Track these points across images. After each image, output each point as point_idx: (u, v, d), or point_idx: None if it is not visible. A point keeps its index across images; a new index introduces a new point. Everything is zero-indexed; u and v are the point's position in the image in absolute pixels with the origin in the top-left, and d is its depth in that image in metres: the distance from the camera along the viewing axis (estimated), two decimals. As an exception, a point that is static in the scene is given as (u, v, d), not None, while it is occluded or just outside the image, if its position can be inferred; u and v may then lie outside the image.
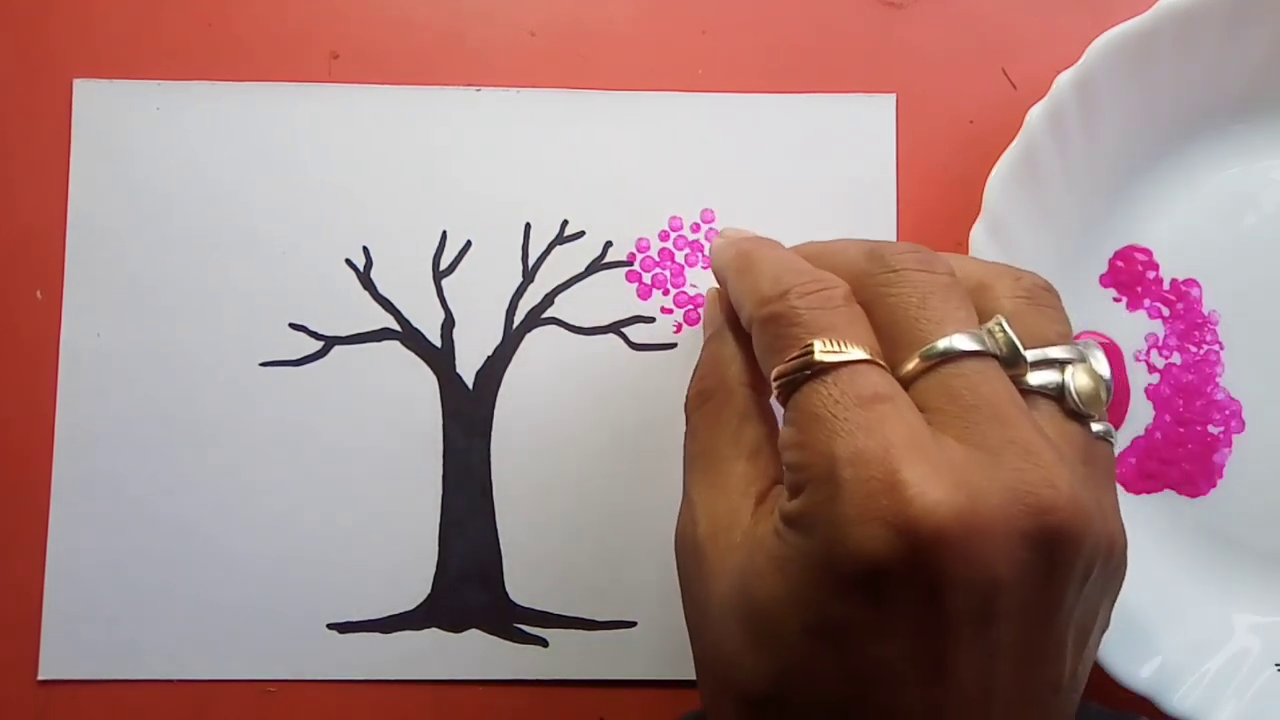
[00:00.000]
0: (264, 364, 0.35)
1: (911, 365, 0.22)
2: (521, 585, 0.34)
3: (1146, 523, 0.34)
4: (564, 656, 0.34)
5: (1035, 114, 0.32)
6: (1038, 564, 0.20)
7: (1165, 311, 0.34)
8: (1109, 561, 0.22)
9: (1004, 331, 0.22)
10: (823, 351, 0.22)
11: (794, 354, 0.22)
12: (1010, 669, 0.20)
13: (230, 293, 0.35)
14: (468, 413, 0.35)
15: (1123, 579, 0.23)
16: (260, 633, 0.34)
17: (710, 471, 0.24)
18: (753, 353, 0.25)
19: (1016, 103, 0.34)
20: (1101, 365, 0.24)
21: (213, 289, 0.35)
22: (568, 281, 0.35)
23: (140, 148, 0.35)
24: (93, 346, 0.35)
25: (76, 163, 0.35)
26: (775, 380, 0.22)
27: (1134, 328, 0.34)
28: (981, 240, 0.32)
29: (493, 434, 0.35)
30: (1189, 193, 0.35)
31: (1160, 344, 0.34)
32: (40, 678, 0.34)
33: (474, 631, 0.34)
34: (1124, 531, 0.23)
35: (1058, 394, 0.23)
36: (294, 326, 0.35)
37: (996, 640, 0.20)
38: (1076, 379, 0.23)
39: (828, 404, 0.21)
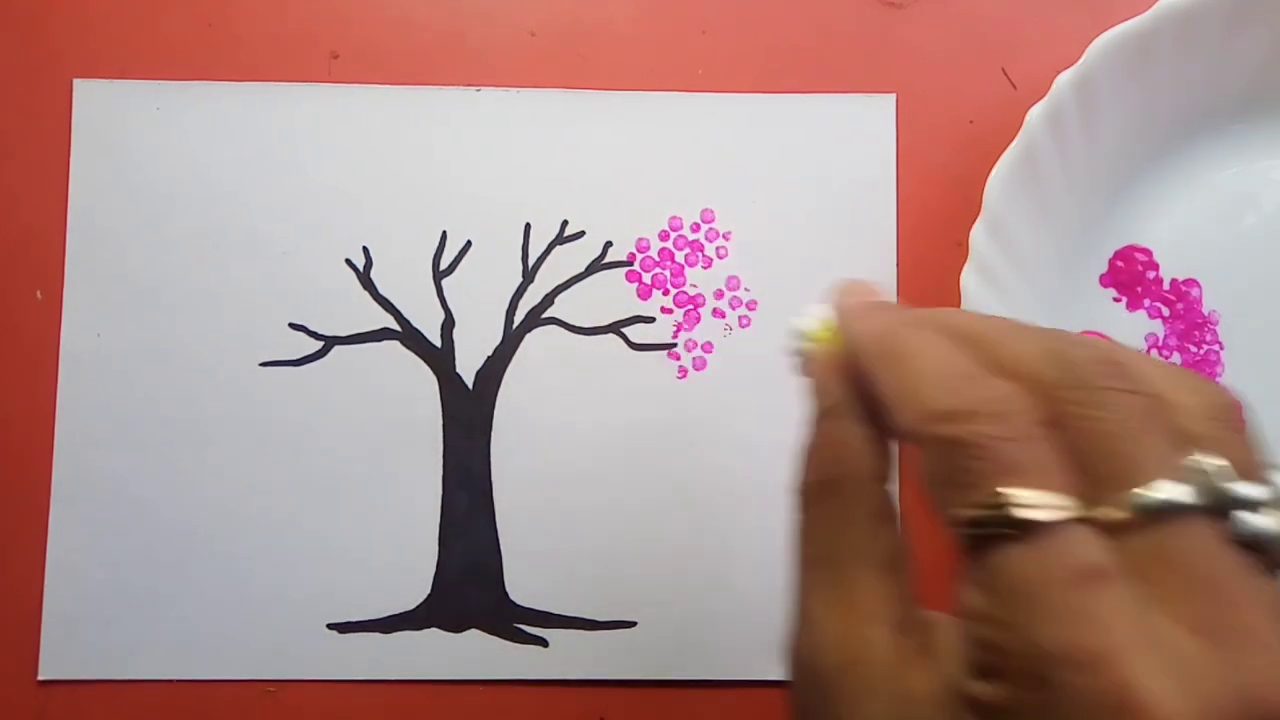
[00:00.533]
0: (264, 364, 0.35)
1: (1117, 516, 0.18)
2: (521, 585, 0.34)
3: (1146, 523, 0.34)
4: (564, 656, 0.34)
5: (1035, 114, 0.32)
6: None
7: (1165, 311, 0.34)
8: None
9: (1215, 478, 0.19)
10: (1027, 506, 0.18)
11: (983, 497, 0.18)
12: None
13: (230, 293, 0.35)
14: (468, 413, 0.35)
15: None
16: (260, 633, 0.34)
17: (833, 582, 0.21)
18: (882, 440, 0.22)
19: (1016, 103, 0.34)
20: None
21: (213, 289, 0.35)
22: (568, 281, 0.35)
23: (140, 148, 0.35)
24: (93, 346, 0.35)
25: (76, 163, 0.35)
26: (958, 526, 0.19)
27: (1134, 328, 0.34)
28: (981, 240, 0.32)
29: (493, 434, 0.35)
30: (1189, 193, 0.35)
31: (1160, 344, 0.34)
32: (40, 678, 0.34)
33: (474, 631, 0.34)
34: None
35: (1253, 543, 0.19)
36: (294, 326, 0.35)
37: None
38: (1272, 523, 0.19)
39: (1036, 576, 0.18)
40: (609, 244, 0.35)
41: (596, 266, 0.35)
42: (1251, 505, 0.19)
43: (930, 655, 0.20)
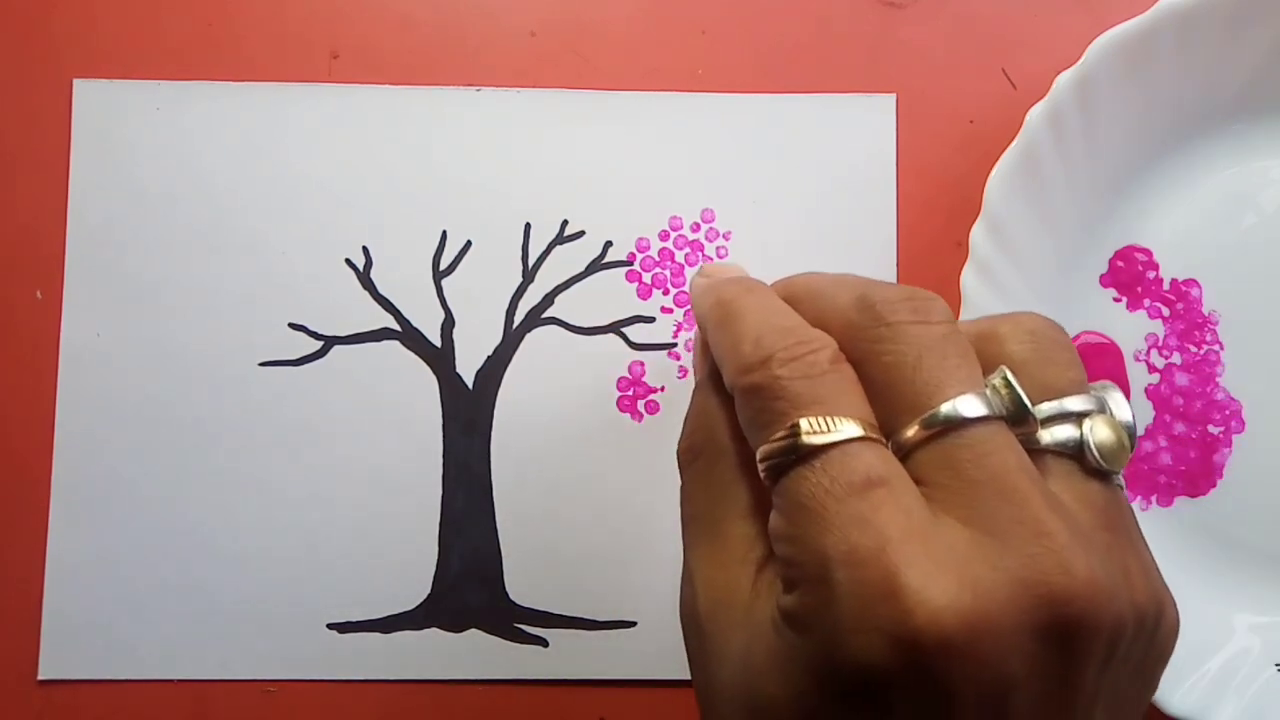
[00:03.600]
0: (264, 364, 0.35)
1: (910, 433, 0.20)
2: (521, 585, 0.34)
3: (1146, 523, 0.34)
4: (564, 656, 0.34)
5: (1035, 114, 0.32)
6: (1052, 655, 0.18)
7: (1165, 311, 0.34)
8: (1140, 632, 0.20)
9: (1010, 387, 0.20)
10: (809, 432, 0.20)
11: (779, 433, 0.20)
12: None
13: (230, 293, 0.35)
14: (468, 413, 0.35)
15: (1168, 646, 0.21)
16: (260, 633, 0.34)
17: (706, 537, 0.23)
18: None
19: (1016, 103, 0.34)
20: (1123, 410, 0.22)
21: (213, 289, 0.35)
22: (568, 281, 0.35)
23: (140, 148, 0.35)
24: (93, 346, 0.35)
25: (76, 163, 0.35)
26: (761, 462, 0.21)
27: (1134, 328, 0.34)
28: (981, 240, 0.32)
29: (493, 434, 0.35)
30: (1189, 193, 0.35)
31: (1160, 344, 0.34)
32: (40, 678, 0.34)
33: (474, 631, 0.34)
34: (1163, 591, 0.21)
35: (1075, 451, 0.21)
36: (294, 326, 0.35)
37: None
38: (1096, 432, 0.21)
39: (817, 493, 0.19)
40: (609, 244, 0.35)
41: (596, 266, 0.35)
42: (1060, 419, 0.21)
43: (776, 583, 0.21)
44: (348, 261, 0.35)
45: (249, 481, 0.34)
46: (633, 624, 0.34)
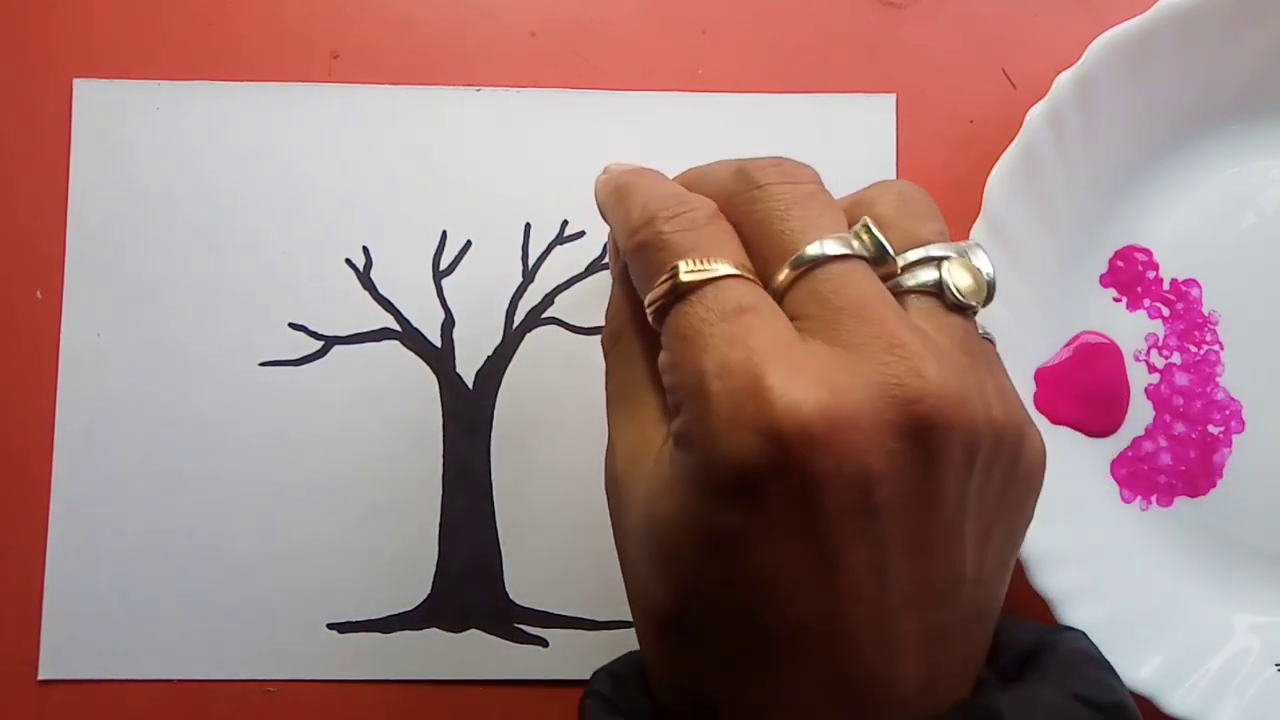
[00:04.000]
0: (264, 364, 0.35)
1: (781, 276, 0.22)
2: (521, 585, 0.34)
3: (1146, 523, 0.34)
4: (564, 656, 0.34)
5: (1035, 114, 0.32)
6: (911, 453, 0.20)
7: (1165, 311, 0.34)
8: (1000, 448, 0.21)
9: (870, 232, 0.22)
10: (688, 271, 0.22)
11: (662, 278, 0.22)
12: (903, 562, 0.20)
13: (230, 293, 0.35)
14: (468, 413, 0.35)
15: (1033, 472, 0.23)
16: (260, 633, 0.34)
17: (626, 409, 0.25)
18: None
19: (1016, 103, 0.34)
20: (982, 261, 0.23)
21: (213, 289, 0.35)
22: (568, 281, 0.35)
23: (140, 148, 0.35)
24: (93, 346, 0.35)
25: (76, 163, 0.35)
26: (648, 307, 0.23)
27: (1134, 328, 0.34)
28: (981, 240, 0.32)
29: (493, 434, 0.35)
30: (1189, 193, 0.35)
31: (1160, 344, 0.34)
32: (40, 678, 0.34)
33: (474, 631, 0.34)
34: (1025, 419, 0.22)
35: (936, 290, 0.23)
36: (294, 326, 0.35)
37: (882, 534, 0.20)
38: (953, 273, 0.23)
39: (695, 322, 0.21)
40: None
41: (596, 266, 0.35)
42: (924, 264, 0.23)
43: None
44: (348, 261, 0.35)
45: (249, 481, 0.34)
46: (633, 624, 0.34)
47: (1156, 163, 0.34)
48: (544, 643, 0.34)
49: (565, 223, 0.35)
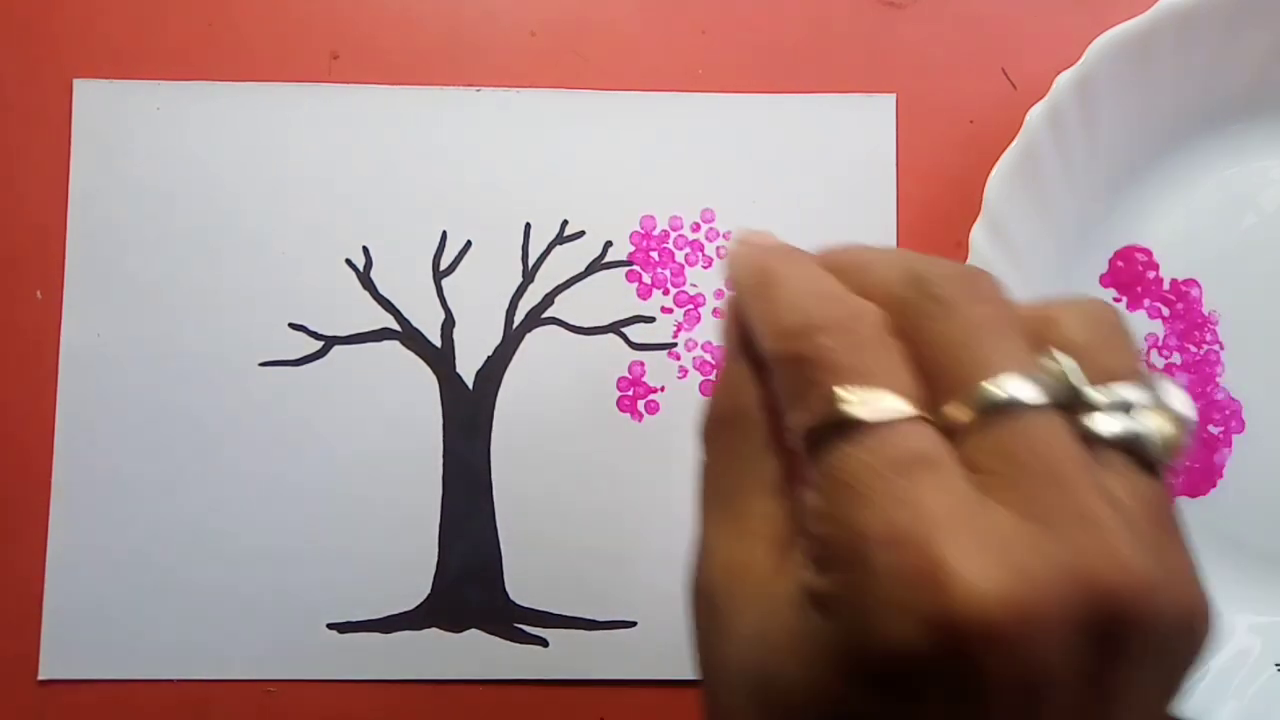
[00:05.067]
0: (264, 364, 0.35)
1: (962, 416, 0.19)
2: (521, 585, 0.34)
3: (1146, 523, 0.34)
4: (564, 656, 0.34)
5: (1035, 114, 0.32)
6: (1094, 651, 0.17)
7: (1165, 311, 0.34)
8: (1181, 632, 0.19)
9: (1064, 372, 0.20)
10: (857, 404, 0.19)
11: (820, 404, 0.19)
12: None
13: (230, 293, 0.35)
14: (468, 413, 0.35)
15: (1205, 646, 0.20)
16: (260, 633, 0.34)
17: (726, 510, 0.22)
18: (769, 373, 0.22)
19: (1016, 103, 0.34)
20: (1179, 403, 0.20)
21: (213, 289, 0.35)
22: (568, 281, 0.35)
23: (140, 148, 0.35)
24: (93, 346, 0.35)
25: (76, 163, 0.35)
26: (798, 431, 0.20)
27: (1134, 327, 0.34)
28: (981, 240, 0.32)
29: (493, 434, 0.35)
30: (1189, 193, 0.35)
31: (1160, 344, 0.34)
32: (40, 678, 0.34)
33: (474, 631, 0.34)
34: (1205, 596, 0.20)
35: (1130, 443, 0.20)
36: (294, 326, 0.35)
37: None
38: (1152, 424, 0.20)
39: (859, 469, 0.18)
40: (609, 244, 0.35)
41: (596, 266, 0.35)
42: (1117, 408, 0.20)
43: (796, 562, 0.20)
44: (348, 261, 0.35)
45: (249, 481, 0.34)
46: (633, 624, 0.34)
47: (1156, 163, 0.34)
48: (544, 643, 0.34)
49: (565, 223, 0.35)
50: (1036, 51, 0.36)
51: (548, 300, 0.35)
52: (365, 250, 0.35)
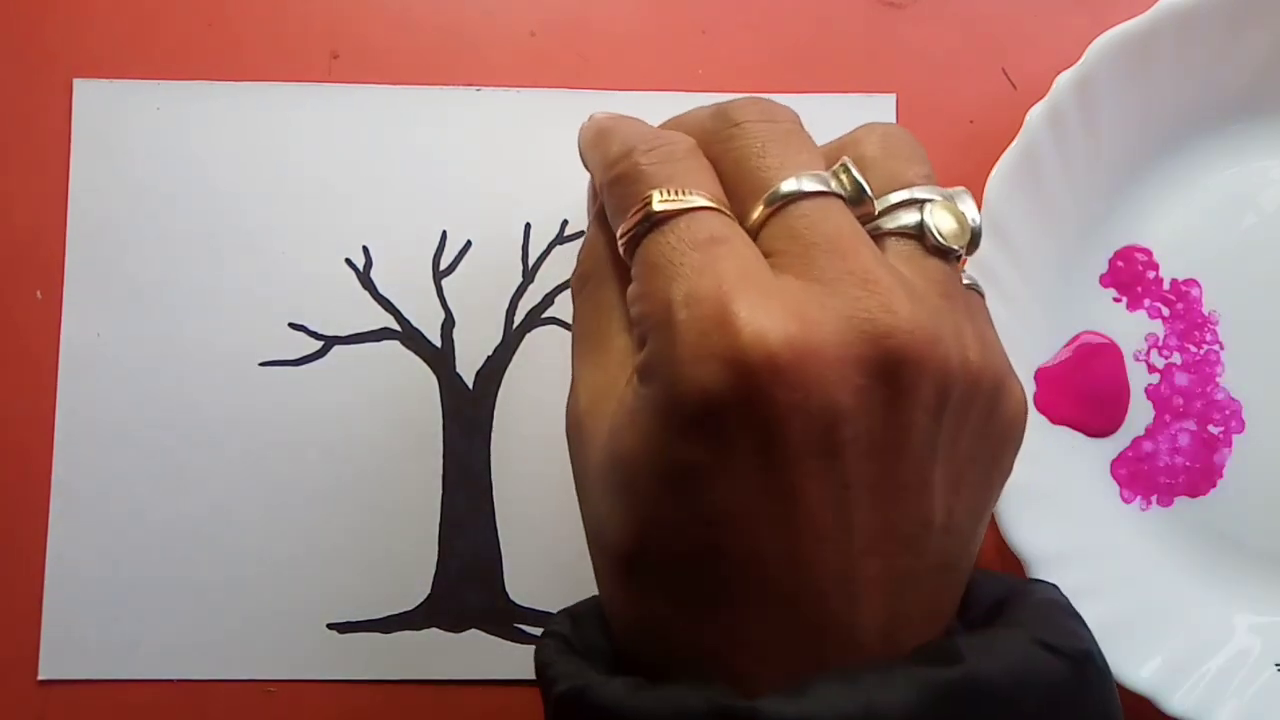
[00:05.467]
0: (264, 364, 0.35)
1: (756, 213, 0.22)
2: (521, 585, 0.34)
3: (1146, 523, 0.34)
4: (564, 656, 0.34)
5: (1035, 114, 0.32)
6: (878, 391, 0.20)
7: (1165, 311, 0.34)
8: (975, 393, 0.21)
9: (848, 171, 0.22)
10: (661, 201, 0.21)
11: (635, 208, 0.22)
12: (867, 504, 0.20)
13: (230, 293, 0.35)
14: (468, 413, 0.35)
15: (1012, 422, 0.22)
16: (260, 633, 0.34)
17: (593, 350, 0.24)
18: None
19: (1016, 103, 0.34)
20: (968, 207, 0.23)
21: (213, 289, 0.35)
22: (568, 281, 0.35)
23: (140, 148, 0.35)
24: (93, 346, 0.35)
25: (76, 163, 0.35)
26: (620, 239, 0.22)
27: (1134, 328, 0.34)
28: (981, 240, 0.32)
29: (493, 434, 0.35)
30: (1189, 193, 0.35)
31: (1160, 344, 0.34)
32: (40, 678, 0.34)
33: (474, 631, 0.34)
34: (1005, 369, 0.22)
35: (917, 232, 0.22)
36: (294, 326, 0.35)
37: (845, 473, 0.20)
38: (935, 215, 0.22)
39: (666, 252, 0.21)
40: (609, 244, 0.35)
41: (596, 266, 0.35)
42: (906, 206, 0.22)
43: None
44: (348, 261, 0.35)
45: (249, 482, 0.34)
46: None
47: (1156, 163, 0.34)
48: (544, 643, 0.34)
49: (565, 222, 0.35)
50: (1036, 51, 0.36)
51: (548, 300, 0.35)
52: (365, 250, 0.35)
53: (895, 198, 0.22)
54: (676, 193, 0.22)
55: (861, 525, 0.20)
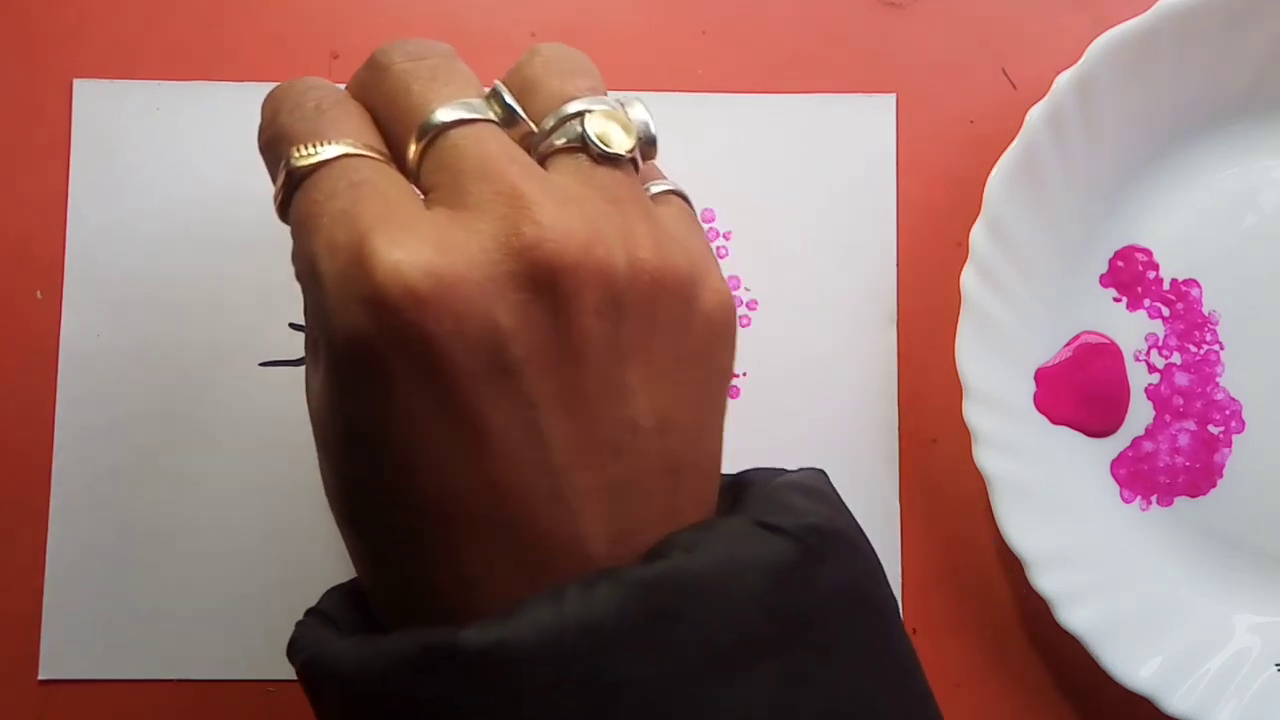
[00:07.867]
0: (264, 364, 0.35)
1: (412, 151, 0.21)
2: (521, 585, 0.34)
3: (1146, 523, 0.34)
4: (564, 656, 0.34)
5: (1035, 114, 0.32)
6: (541, 303, 0.19)
7: (1165, 311, 0.34)
8: (657, 292, 0.20)
9: (499, 95, 0.22)
10: (299, 157, 0.21)
11: (280, 170, 0.21)
12: (558, 417, 0.20)
13: (230, 293, 0.35)
14: (468, 413, 0.35)
15: (713, 318, 0.22)
16: (260, 633, 0.34)
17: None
18: None
19: (1016, 103, 0.34)
20: (637, 111, 0.23)
21: (213, 289, 0.35)
22: (568, 281, 0.35)
23: (140, 148, 0.35)
24: (93, 346, 0.35)
25: (76, 163, 0.35)
26: (276, 207, 0.22)
27: (1134, 328, 0.34)
28: (981, 240, 0.32)
29: (493, 434, 0.35)
30: (1189, 193, 0.35)
31: (1160, 344, 0.34)
32: (40, 678, 0.34)
33: (474, 631, 0.34)
34: (696, 269, 0.21)
35: (581, 144, 0.22)
36: (294, 326, 0.35)
37: (526, 391, 0.19)
38: (594, 124, 0.21)
39: (309, 207, 0.20)
40: (609, 244, 0.35)
41: (596, 266, 0.35)
42: (564, 119, 0.22)
43: None
44: (348, 261, 0.35)
45: (249, 481, 0.34)
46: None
47: (1156, 163, 0.34)
48: (544, 643, 0.34)
49: (565, 223, 0.35)
50: (1036, 51, 0.36)
51: (548, 300, 0.35)
52: (365, 250, 0.35)
53: (561, 113, 0.22)
54: (314, 146, 0.21)
55: (557, 440, 0.20)
